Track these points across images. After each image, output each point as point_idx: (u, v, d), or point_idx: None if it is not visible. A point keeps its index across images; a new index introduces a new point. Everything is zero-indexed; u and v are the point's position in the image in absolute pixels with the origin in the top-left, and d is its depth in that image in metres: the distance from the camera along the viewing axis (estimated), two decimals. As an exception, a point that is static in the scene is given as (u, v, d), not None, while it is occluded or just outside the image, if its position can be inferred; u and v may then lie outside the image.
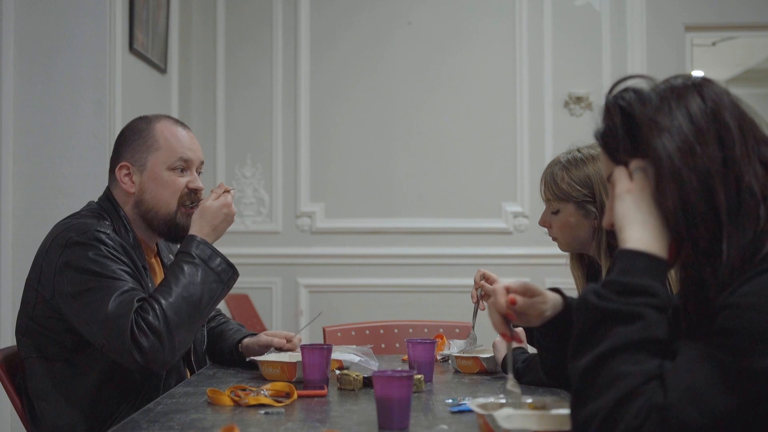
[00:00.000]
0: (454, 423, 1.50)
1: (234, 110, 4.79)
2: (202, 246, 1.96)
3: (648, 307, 1.09)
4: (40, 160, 3.36)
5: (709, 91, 1.20)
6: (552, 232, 2.18)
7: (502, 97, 4.72)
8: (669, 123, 1.17)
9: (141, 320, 1.82)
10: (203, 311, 1.92)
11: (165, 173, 2.04)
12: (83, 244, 1.89)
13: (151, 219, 2.05)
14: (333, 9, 4.79)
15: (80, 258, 1.88)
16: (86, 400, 1.91)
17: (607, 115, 1.24)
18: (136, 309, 1.82)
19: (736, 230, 1.13)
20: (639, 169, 1.18)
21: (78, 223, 1.96)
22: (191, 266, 1.92)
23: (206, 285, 1.92)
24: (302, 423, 1.53)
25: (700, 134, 1.16)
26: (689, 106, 1.18)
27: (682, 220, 1.14)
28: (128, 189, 2.04)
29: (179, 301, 1.86)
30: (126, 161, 2.04)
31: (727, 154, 1.15)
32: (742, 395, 1.03)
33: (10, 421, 3.14)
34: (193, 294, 1.89)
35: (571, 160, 2.12)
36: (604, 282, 1.12)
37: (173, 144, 2.06)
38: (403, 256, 4.70)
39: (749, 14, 4.74)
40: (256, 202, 4.77)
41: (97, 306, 1.83)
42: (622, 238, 1.16)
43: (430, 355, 1.98)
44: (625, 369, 1.05)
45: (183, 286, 1.89)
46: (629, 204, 1.17)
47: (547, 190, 2.14)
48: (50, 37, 3.38)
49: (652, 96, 1.20)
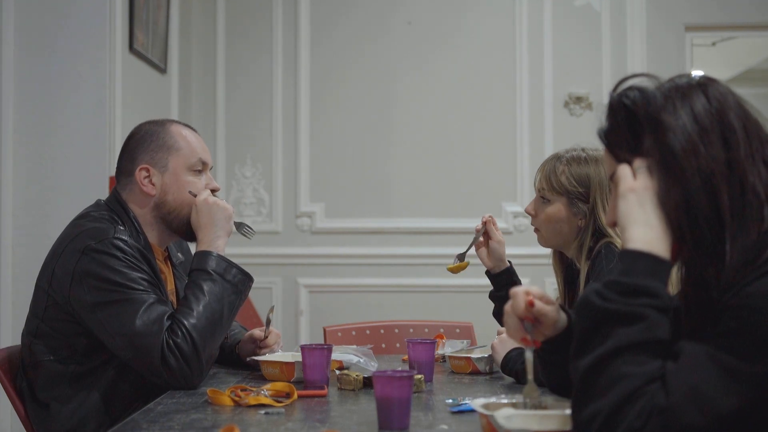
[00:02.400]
0: (454, 423, 1.50)
1: (234, 110, 4.79)
2: (217, 260, 1.97)
3: (650, 308, 1.08)
4: (40, 160, 3.36)
5: (714, 90, 1.20)
6: (536, 221, 2.22)
7: (502, 96, 4.72)
8: (673, 122, 1.16)
9: (172, 342, 1.84)
10: (225, 325, 1.95)
11: (186, 174, 2.05)
12: (102, 252, 1.88)
13: (172, 220, 2.05)
14: (333, 10, 4.79)
15: (101, 267, 1.87)
16: (100, 399, 1.92)
17: (611, 113, 1.23)
18: (167, 328, 1.84)
19: (739, 231, 1.12)
20: (642, 168, 1.17)
21: (94, 228, 1.94)
22: (210, 283, 1.93)
23: (225, 299, 1.94)
24: (302, 423, 1.53)
25: (705, 134, 1.15)
26: (693, 106, 1.17)
27: (684, 220, 1.13)
28: (149, 191, 2.03)
29: (204, 322, 1.88)
30: (146, 164, 2.03)
31: (731, 155, 1.14)
32: (744, 397, 1.02)
33: (10, 421, 3.14)
34: (216, 311, 1.91)
35: (574, 157, 2.15)
36: (607, 282, 1.11)
37: (192, 145, 2.07)
38: (403, 256, 4.70)
39: (749, 14, 4.74)
40: (256, 202, 4.77)
41: (124, 320, 1.85)
42: (624, 238, 1.15)
43: (430, 355, 1.98)
44: (627, 370, 1.05)
45: (204, 305, 1.90)
46: (632, 203, 1.15)
47: (544, 180, 2.17)
48: (50, 37, 3.38)
49: (656, 94, 1.20)
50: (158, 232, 2.06)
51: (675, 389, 1.03)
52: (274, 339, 2.19)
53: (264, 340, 2.17)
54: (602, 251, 2.06)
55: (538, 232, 2.24)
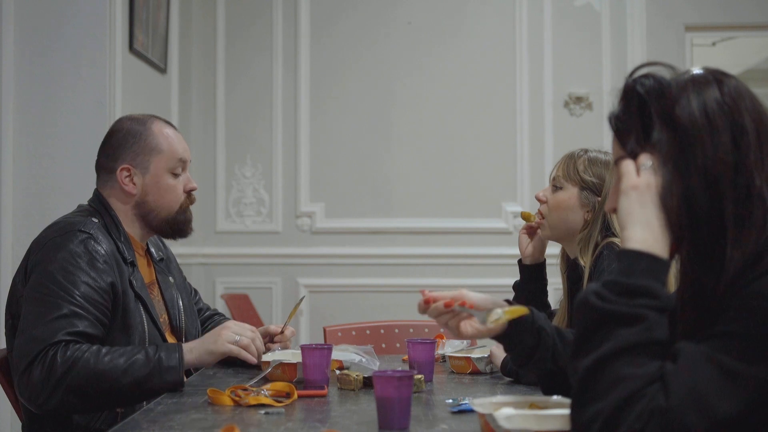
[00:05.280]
0: (454, 423, 1.50)
1: (234, 110, 4.79)
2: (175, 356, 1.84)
3: (649, 308, 1.07)
4: (40, 160, 3.36)
5: (730, 86, 1.16)
6: (543, 208, 2.22)
7: (502, 96, 4.72)
8: (684, 117, 1.14)
9: (51, 352, 1.77)
10: (111, 394, 1.81)
11: (166, 176, 2.07)
12: (57, 246, 1.89)
13: (151, 219, 2.08)
14: (333, 10, 4.79)
15: (48, 260, 1.87)
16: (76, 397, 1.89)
17: (623, 98, 1.20)
18: (61, 342, 1.78)
19: (741, 238, 1.10)
20: (647, 165, 1.15)
21: (62, 223, 1.97)
22: (142, 357, 1.81)
23: (133, 378, 1.80)
24: (302, 423, 1.53)
25: (714, 131, 1.13)
26: (706, 99, 1.14)
27: (685, 221, 1.12)
28: (130, 191, 2.05)
29: (96, 369, 1.77)
30: (127, 164, 2.05)
31: (740, 158, 1.12)
32: (743, 400, 1.02)
33: (10, 421, 3.14)
34: (115, 377, 1.79)
35: (596, 157, 2.20)
36: (605, 282, 1.10)
37: (173, 146, 2.09)
38: (403, 256, 4.70)
39: (749, 14, 4.74)
40: (256, 202, 4.77)
41: (32, 321, 1.82)
42: (624, 236, 1.13)
43: (430, 355, 1.98)
44: (626, 372, 1.04)
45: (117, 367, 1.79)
46: (634, 201, 1.14)
47: (562, 166, 2.21)
48: (50, 37, 3.38)
49: (671, 86, 1.17)
50: (138, 228, 2.08)
51: (675, 391, 1.02)
52: (290, 334, 2.20)
53: (281, 334, 2.18)
54: (604, 251, 2.06)
55: (542, 221, 2.25)
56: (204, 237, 4.69)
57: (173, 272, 2.25)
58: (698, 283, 1.15)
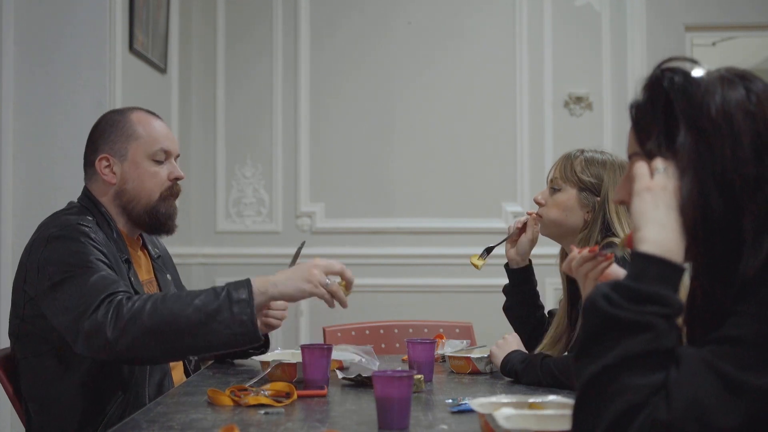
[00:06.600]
0: (454, 423, 1.50)
1: (234, 110, 4.79)
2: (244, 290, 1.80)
3: (659, 316, 1.04)
4: (40, 160, 3.36)
5: (758, 86, 1.12)
6: (542, 210, 2.24)
7: (502, 96, 4.72)
8: (708, 125, 1.09)
9: (112, 299, 1.74)
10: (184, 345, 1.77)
11: (146, 163, 2.05)
12: (64, 238, 1.88)
13: (131, 209, 2.05)
14: (333, 10, 4.79)
15: (60, 251, 1.86)
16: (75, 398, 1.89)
17: (648, 91, 1.16)
18: (114, 292, 1.76)
19: (757, 253, 1.07)
20: (662, 170, 1.12)
21: (58, 219, 1.97)
22: (211, 295, 1.77)
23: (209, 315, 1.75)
24: (302, 423, 1.53)
25: (736, 139, 1.08)
26: (729, 101, 1.10)
27: (701, 233, 1.09)
28: (109, 180, 2.04)
29: (168, 311, 1.74)
30: (105, 153, 2.04)
31: (762, 171, 1.08)
32: (745, 413, 0.99)
33: (10, 421, 3.14)
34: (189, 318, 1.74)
35: (593, 157, 2.20)
36: (616, 285, 1.07)
37: (152, 133, 2.06)
38: (403, 256, 4.70)
39: (749, 14, 4.74)
40: (256, 202, 4.77)
41: (73, 292, 1.79)
42: (637, 238, 1.10)
43: (430, 355, 1.99)
44: (630, 381, 1.02)
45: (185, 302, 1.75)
46: (647, 203, 1.11)
47: (558, 169, 2.21)
48: (50, 37, 3.38)
49: (700, 85, 1.12)
50: (125, 221, 2.07)
51: (676, 402, 1.00)
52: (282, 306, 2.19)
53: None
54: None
55: (540, 219, 2.26)
56: (204, 237, 4.69)
57: (170, 270, 2.25)
58: (709, 294, 1.13)
